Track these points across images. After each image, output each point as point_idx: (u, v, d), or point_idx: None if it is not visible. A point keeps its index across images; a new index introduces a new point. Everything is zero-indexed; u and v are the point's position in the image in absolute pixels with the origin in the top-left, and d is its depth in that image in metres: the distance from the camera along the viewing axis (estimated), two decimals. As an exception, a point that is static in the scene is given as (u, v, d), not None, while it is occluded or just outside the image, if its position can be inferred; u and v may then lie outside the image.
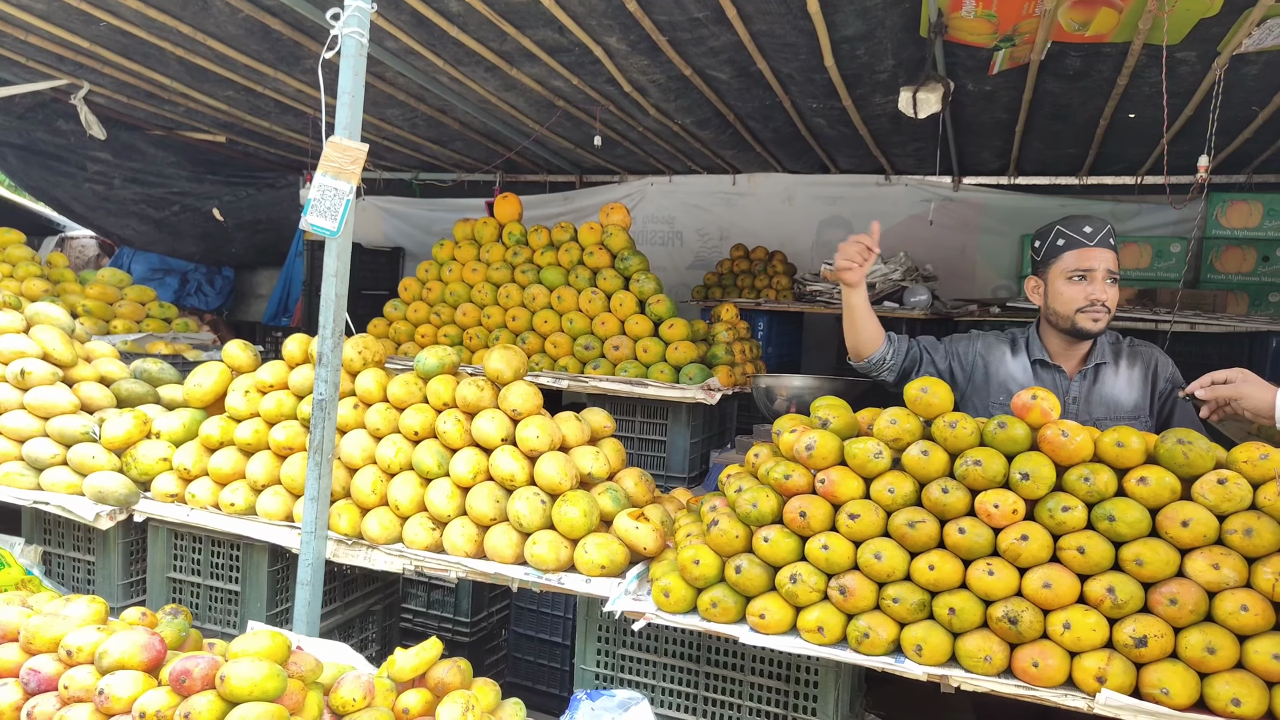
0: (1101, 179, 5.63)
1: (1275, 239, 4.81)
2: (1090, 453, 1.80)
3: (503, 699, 1.94)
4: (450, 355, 2.66)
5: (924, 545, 1.83)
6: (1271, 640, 1.58)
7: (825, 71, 3.93)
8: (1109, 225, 2.40)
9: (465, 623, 3.64)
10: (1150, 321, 4.31)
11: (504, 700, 1.94)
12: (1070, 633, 1.68)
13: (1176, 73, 3.62)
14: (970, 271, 5.92)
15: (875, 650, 1.82)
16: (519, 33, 3.74)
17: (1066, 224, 2.42)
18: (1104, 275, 2.33)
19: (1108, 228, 2.39)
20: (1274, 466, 1.68)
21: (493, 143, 5.99)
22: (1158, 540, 1.70)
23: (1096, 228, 2.38)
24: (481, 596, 3.71)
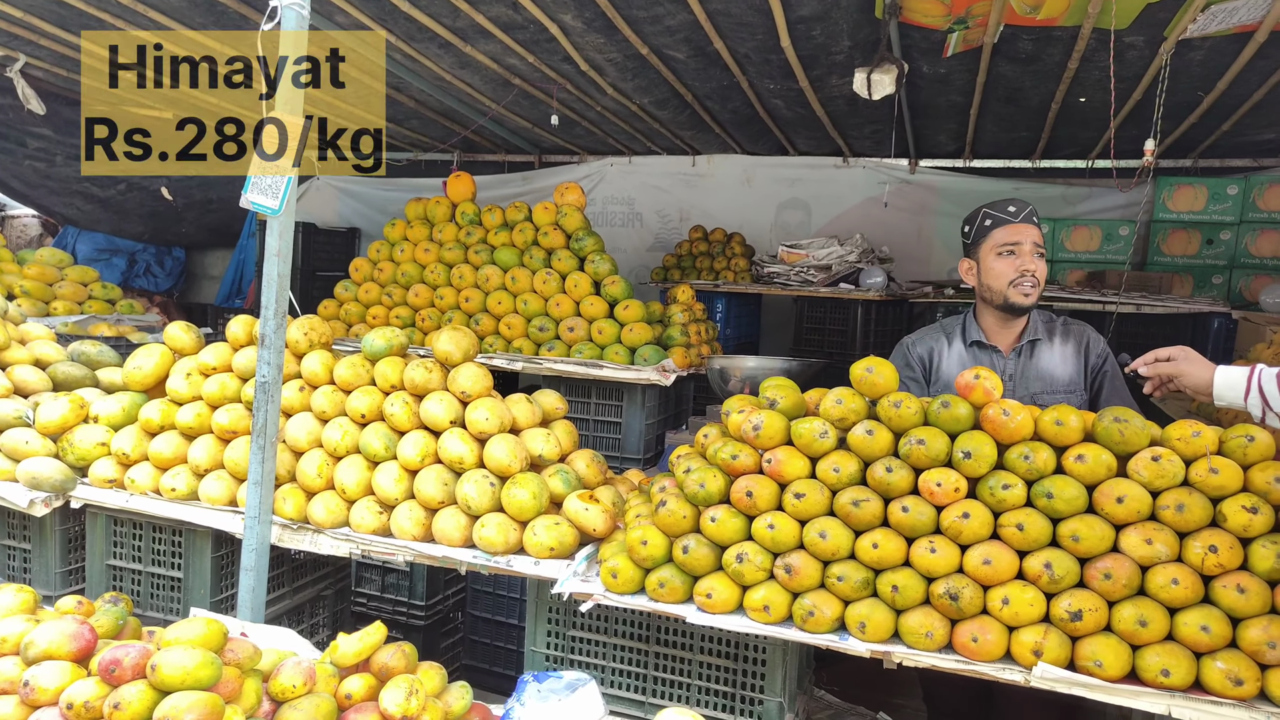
0: (1054, 162, 5.70)
1: (1219, 223, 4.91)
2: (1031, 431, 1.82)
3: (458, 681, 1.93)
4: (398, 337, 2.62)
5: (868, 524, 1.84)
6: (1200, 612, 1.61)
7: (781, 52, 3.92)
8: (1031, 205, 2.50)
9: (420, 606, 3.61)
10: (1098, 303, 4.38)
11: (450, 684, 1.92)
12: (1009, 608, 1.71)
13: (1125, 57, 3.66)
14: (926, 254, 5.98)
15: (820, 628, 1.83)
16: (472, 8, 3.68)
17: (992, 206, 2.50)
18: (1031, 249, 2.40)
19: (1030, 207, 2.48)
20: (1205, 444, 1.71)
21: (449, 121, 5.90)
22: (1094, 516, 1.73)
23: (1020, 207, 2.46)
24: (437, 580, 3.68)
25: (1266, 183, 4.83)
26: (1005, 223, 2.47)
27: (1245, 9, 3.12)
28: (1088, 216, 5.38)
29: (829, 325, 5.04)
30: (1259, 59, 3.52)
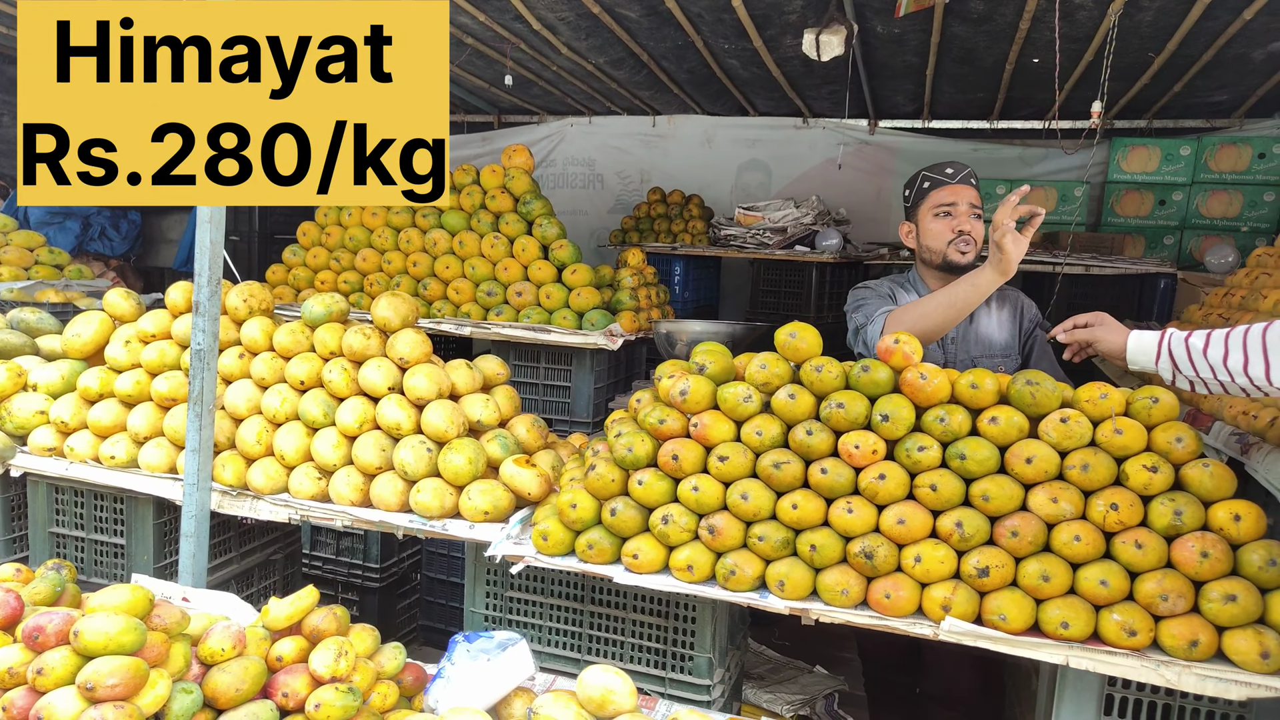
0: (1011, 123, 5.71)
1: (1171, 184, 4.96)
2: (948, 394, 1.86)
3: (412, 642, 1.96)
4: (339, 303, 2.61)
5: (789, 485, 1.88)
6: (1100, 567, 1.67)
7: (733, 11, 3.89)
8: (969, 168, 2.51)
9: (375, 569, 3.64)
10: (1049, 264, 4.43)
11: (384, 644, 1.96)
12: (921, 565, 1.76)
13: (1074, 18, 3.66)
14: (885, 215, 5.99)
15: (741, 586, 1.88)
16: (417, -35, 3.61)
17: (931, 169, 2.51)
18: (967, 209, 2.42)
19: (968, 169, 2.49)
20: (1113, 405, 1.76)
21: (405, 81, 5.80)
22: (1004, 476, 1.78)
23: (957, 169, 2.48)
24: (391, 543, 3.71)
25: (1218, 143, 4.88)
26: (942, 184, 2.49)
27: (1188, -30, 3.13)
28: (1045, 178, 5.41)
29: (784, 288, 5.07)
30: (1206, 20, 3.53)
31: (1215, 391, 1.79)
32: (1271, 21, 3.50)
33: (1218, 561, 1.60)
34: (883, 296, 2.54)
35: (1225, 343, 1.72)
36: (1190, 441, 1.72)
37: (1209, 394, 1.86)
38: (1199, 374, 1.77)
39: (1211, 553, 1.61)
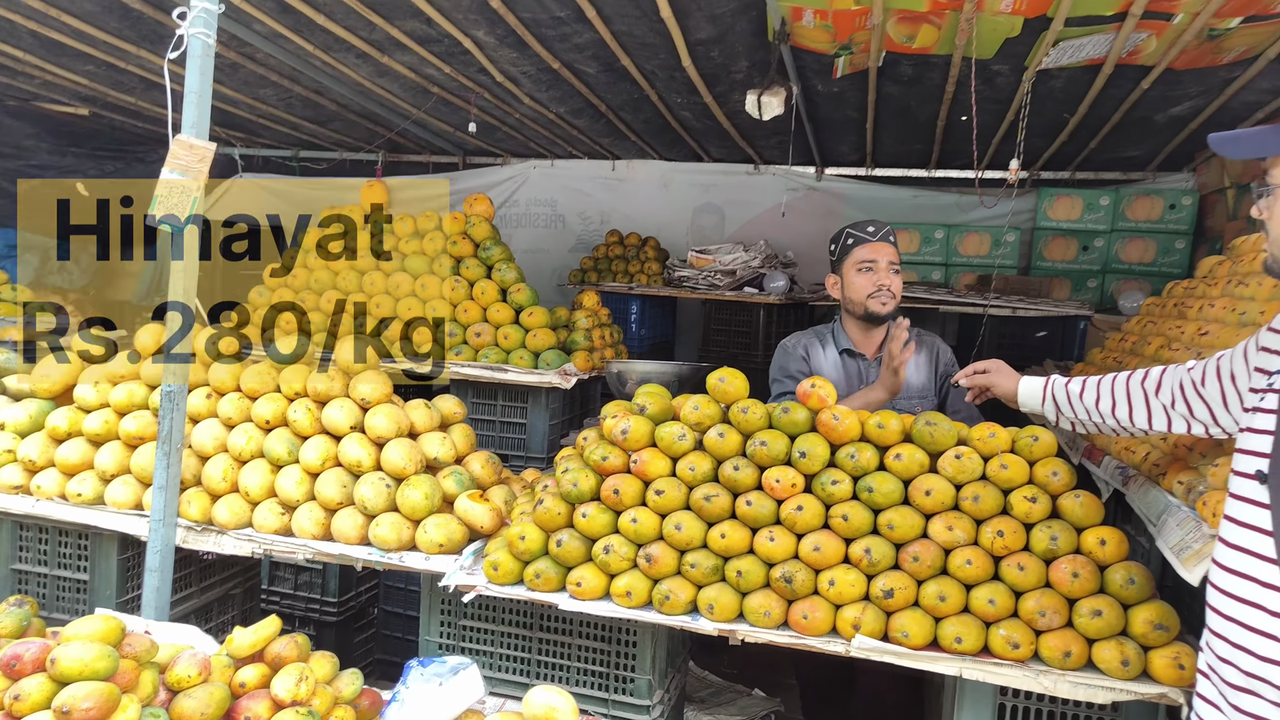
0: (948, 172, 6.05)
1: (1093, 231, 5.29)
2: (858, 433, 2.07)
3: (369, 675, 2.09)
4: (304, 345, 2.77)
5: (718, 516, 2.07)
6: (988, 588, 1.88)
7: (684, 70, 4.14)
8: (889, 226, 2.77)
9: (333, 603, 3.75)
10: (980, 306, 4.71)
11: (342, 671, 2.09)
12: (834, 588, 1.95)
13: (994, 83, 3.97)
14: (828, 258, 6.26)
15: (675, 610, 2.05)
16: (387, 23, 3.81)
17: (854, 227, 2.75)
18: (887, 265, 2.67)
19: (887, 227, 2.75)
20: (999, 444, 1.98)
21: (372, 123, 6.00)
22: (907, 507, 1.99)
23: (878, 227, 2.72)
24: (350, 577, 3.82)
25: (1134, 195, 5.23)
26: (865, 241, 2.74)
27: (1091, 46, 3.44)
28: (979, 223, 5.72)
29: (734, 326, 5.30)
30: (1110, 88, 3.85)
31: (1092, 431, 2.02)
32: (1167, 91, 3.83)
33: (1087, 581, 1.82)
34: (797, 360, 2.78)
35: (1097, 389, 1.95)
36: (1065, 475, 1.94)
37: (1088, 433, 2.09)
38: (1077, 416, 2.00)
39: (1081, 573, 1.82)
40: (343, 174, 7.26)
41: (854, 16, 3.41)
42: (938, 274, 5.50)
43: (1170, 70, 3.56)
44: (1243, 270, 2.55)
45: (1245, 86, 3.69)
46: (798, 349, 2.84)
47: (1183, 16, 3.03)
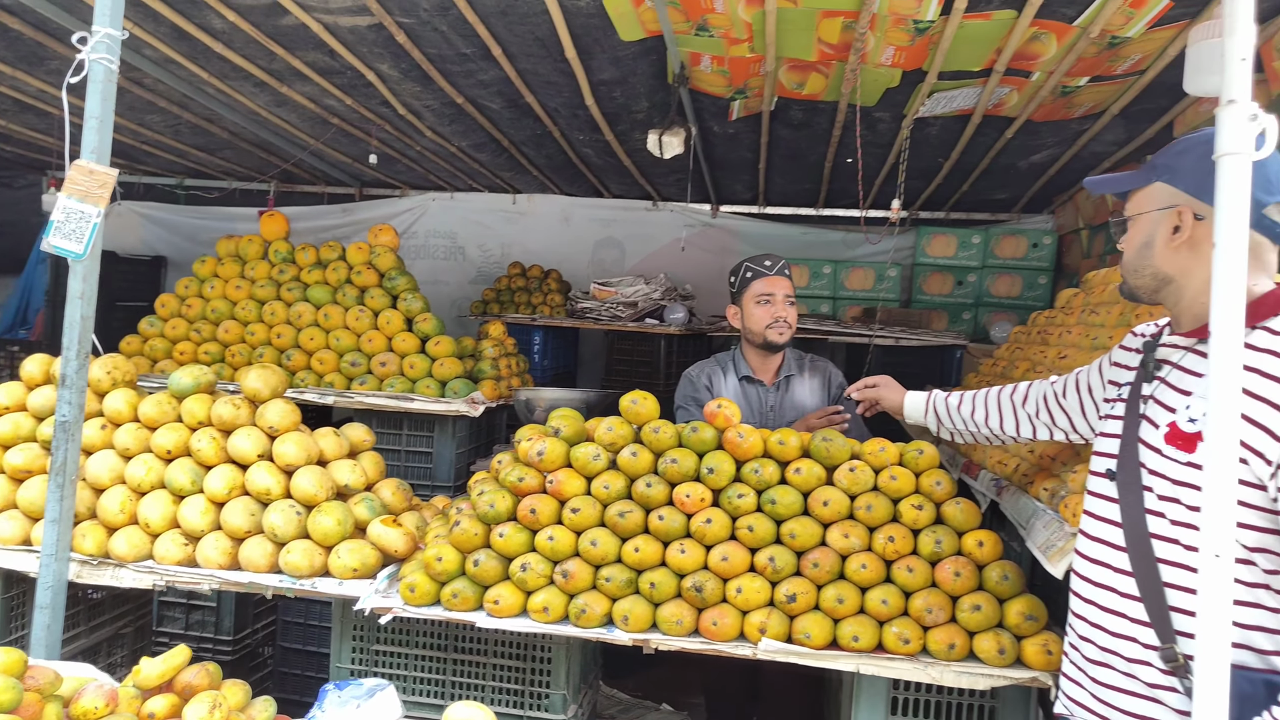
0: (835, 211, 6.40)
1: (966, 267, 5.70)
2: (761, 450, 2.22)
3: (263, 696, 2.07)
4: (206, 374, 2.73)
5: (632, 531, 2.17)
6: (881, 589, 2.04)
7: (587, 109, 4.28)
8: (784, 260, 2.97)
9: (227, 641, 3.64)
10: (866, 336, 5.01)
11: (254, 699, 2.07)
12: (741, 595, 2.07)
13: (876, 129, 4.28)
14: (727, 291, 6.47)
15: (591, 623, 2.13)
16: (288, 54, 3.81)
17: (753, 261, 2.94)
18: (783, 298, 2.86)
19: (783, 261, 2.95)
20: (889, 457, 2.16)
21: (266, 153, 5.90)
22: (807, 518, 2.14)
23: (775, 261, 2.92)
24: (245, 614, 3.72)
25: (1002, 234, 5.67)
26: (763, 275, 2.92)
27: (961, 97, 3.77)
28: (864, 259, 6.07)
29: (636, 356, 5.44)
30: (979, 135, 4.21)
31: (969, 440, 2.22)
32: (1028, 140, 4.22)
33: (967, 579, 2.00)
34: (701, 389, 2.93)
35: (973, 401, 2.16)
36: (947, 484, 2.14)
37: (964, 443, 2.30)
38: (955, 426, 2.20)
39: (963, 572, 2.01)
40: (232, 204, 7.09)
41: (748, 63, 3.63)
42: (826, 307, 5.80)
43: (1030, 121, 3.93)
44: (1094, 301, 2.84)
45: (1094, 138, 4.10)
46: (701, 377, 2.99)
47: (1039, 74, 3.37)
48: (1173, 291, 1.58)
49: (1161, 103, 3.59)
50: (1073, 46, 3.05)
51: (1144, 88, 3.40)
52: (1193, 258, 1.53)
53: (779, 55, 3.47)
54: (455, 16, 3.25)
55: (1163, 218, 1.56)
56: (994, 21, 2.94)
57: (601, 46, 3.54)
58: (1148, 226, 1.59)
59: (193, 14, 3.41)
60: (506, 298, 6.03)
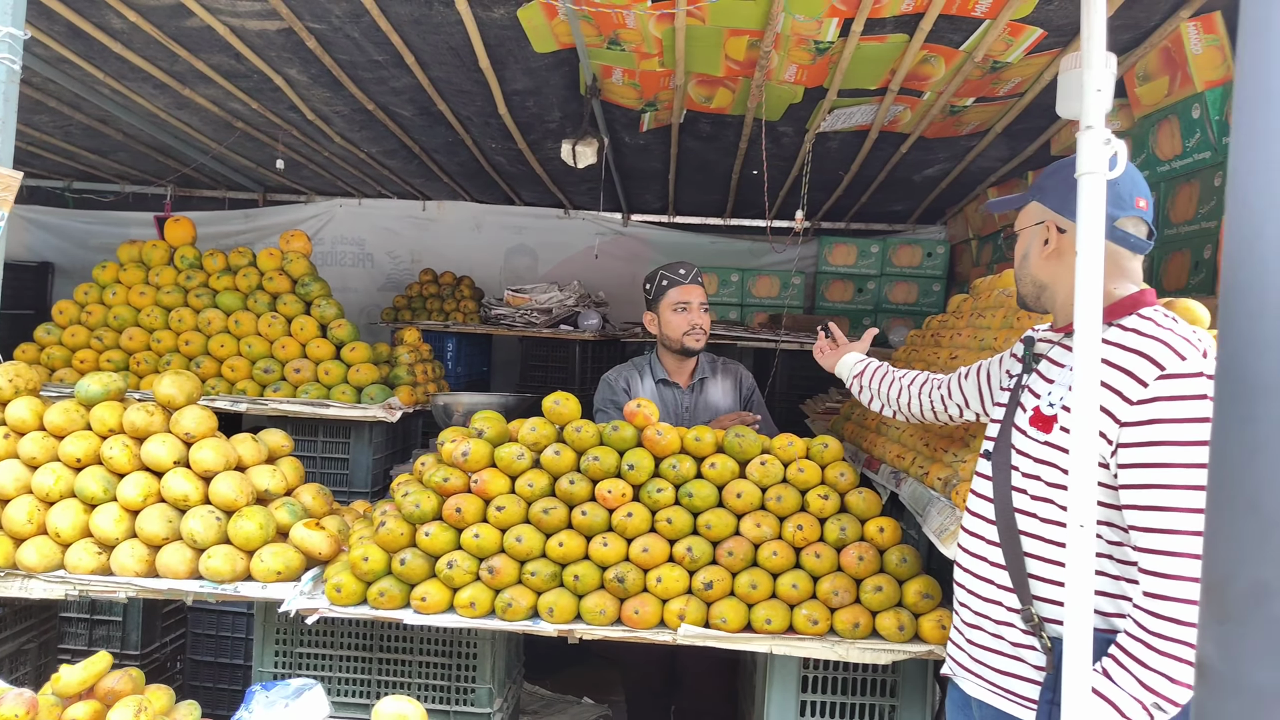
0: (741, 221, 6.62)
1: (866, 275, 5.99)
2: (678, 447, 2.34)
3: (187, 700, 2.06)
4: (116, 381, 2.67)
5: (556, 527, 2.25)
6: (792, 575, 2.18)
7: (500, 118, 4.34)
8: (697, 267, 3.11)
9: (135, 655, 3.54)
10: (772, 341, 5.21)
11: (179, 703, 2.06)
12: (661, 585, 2.18)
13: (781, 142, 4.48)
14: (639, 298, 6.53)
15: (517, 616, 2.20)
16: (192, 55, 3.74)
17: (667, 269, 3.07)
18: (698, 305, 2.99)
19: (696, 269, 3.09)
20: (797, 451, 2.31)
21: (164, 156, 5.73)
22: (722, 509, 2.27)
23: (689, 269, 3.05)
24: (154, 627, 3.62)
25: (899, 243, 5.98)
26: (678, 283, 3.05)
27: (859, 114, 4.00)
28: (769, 268, 6.30)
29: (551, 362, 5.51)
30: (876, 150, 4.46)
31: (877, 409, 2.39)
32: (921, 155, 4.50)
33: (870, 563, 2.17)
34: (619, 391, 3.04)
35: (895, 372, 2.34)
36: (850, 475, 2.30)
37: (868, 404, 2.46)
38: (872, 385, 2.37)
39: (865, 557, 2.17)
40: (125, 208, 6.83)
41: (659, 77, 3.77)
42: (734, 313, 6.00)
43: (923, 138, 4.19)
44: (982, 305, 3.07)
45: (981, 154, 4.41)
46: (619, 381, 3.10)
47: (930, 94, 3.61)
48: (1049, 296, 1.77)
49: (1040, 123, 3.89)
50: (959, 69, 3.29)
51: (1024, 109, 3.69)
52: (1060, 266, 1.72)
53: (688, 70, 3.62)
54: (368, 24, 3.27)
55: (1036, 232, 1.76)
56: (888, 44, 3.15)
57: (515, 57, 3.62)
58: (1026, 240, 1.79)
59: (90, 13, 3.33)
60: (418, 304, 6.01)
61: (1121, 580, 1.58)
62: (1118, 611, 1.58)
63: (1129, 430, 1.52)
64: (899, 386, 2.33)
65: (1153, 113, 3.24)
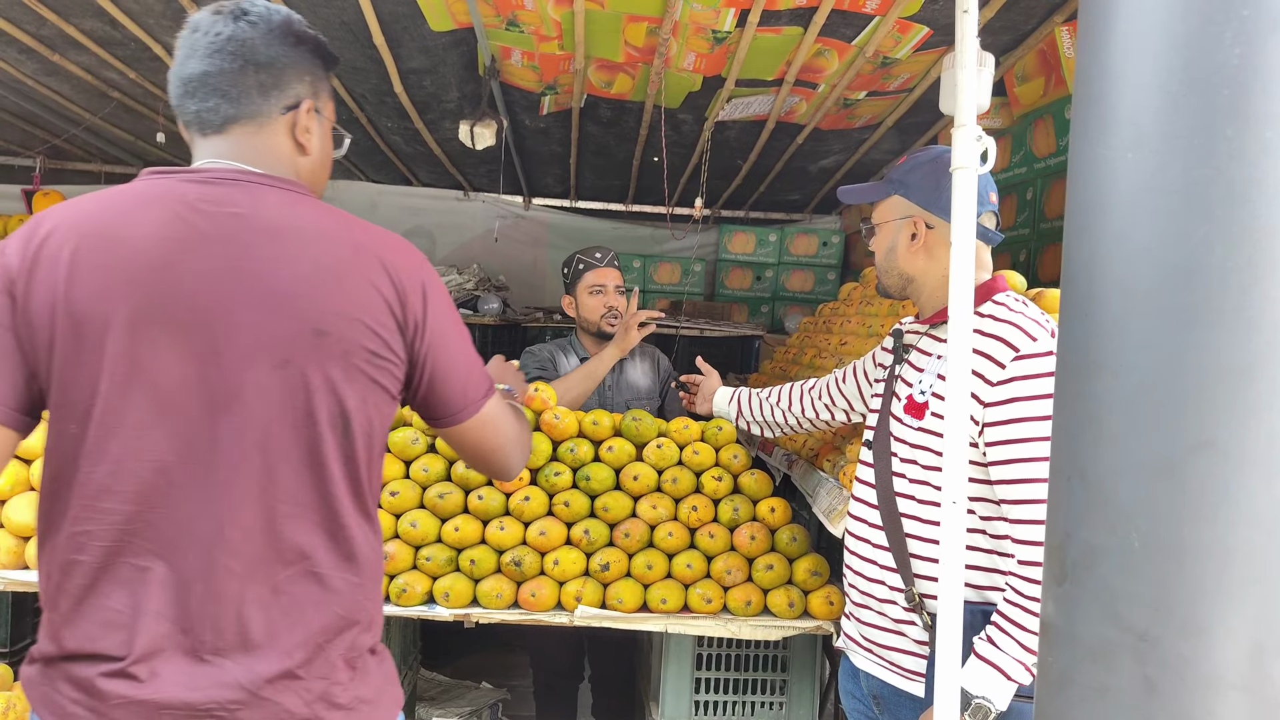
0: (643, 207, 6.65)
1: (764, 263, 6.12)
2: (576, 430, 2.35)
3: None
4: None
5: (452, 512, 2.24)
6: (686, 555, 2.24)
7: (396, 97, 4.24)
8: (613, 251, 3.15)
9: (4, 652, 3.33)
10: (674, 327, 5.27)
11: (47, 703, 1.96)
12: (559, 567, 2.20)
13: (681, 130, 4.52)
14: (541, 282, 6.61)
15: (412, 602, 2.18)
16: (62, 20, 3.52)
17: (584, 253, 3.09)
18: (614, 289, 3.03)
19: (612, 253, 3.13)
20: (692, 434, 2.36)
21: (30, 125, 5.35)
22: (619, 492, 2.30)
23: (605, 253, 3.09)
24: (23, 620, 3.41)
25: (796, 233, 6.13)
26: (594, 267, 3.07)
27: (757, 104, 4.07)
28: (670, 254, 6.36)
29: (450, 348, 5.43)
30: (773, 140, 4.56)
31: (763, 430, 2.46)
32: (816, 146, 4.62)
33: (762, 542, 2.23)
34: (543, 361, 3.04)
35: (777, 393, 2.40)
36: (743, 457, 2.36)
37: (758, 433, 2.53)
38: (754, 417, 2.43)
39: (757, 536, 2.23)
40: (-16, 180, 6.37)
41: (558, 61, 3.75)
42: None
43: (818, 129, 4.31)
44: (870, 293, 3.20)
45: (874, 147, 4.56)
46: (544, 352, 3.13)
47: (824, 86, 3.71)
48: (915, 288, 1.85)
49: (927, 117, 4.05)
50: (852, 63, 3.39)
51: (913, 104, 3.83)
52: (928, 259, 1.81)
53: (588, 55, 3.61)
54: (257, -6, 3.14)
55: (901, 226, 1.83)
56: (784, 36, 3.23)
57: (411, 35, 3.54)
58: (890, 234, 1.86)
59: (-55, -31, 3.10)
60: (312, 287, 5.82)
61: (994, 554, 1.68)
62: (991, 584, 1.68)
63: (992, 410, 1.61)
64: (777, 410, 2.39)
65: (1030, 112, 3.42)
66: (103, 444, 1.16)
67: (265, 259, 1.20)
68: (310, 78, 1.35)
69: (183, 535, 1.17)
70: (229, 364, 1.18)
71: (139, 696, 1.15)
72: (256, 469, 1.18)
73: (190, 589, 1.17)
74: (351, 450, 1.24)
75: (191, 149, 1.36)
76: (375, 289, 1.25)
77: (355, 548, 1.26)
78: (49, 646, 1.21)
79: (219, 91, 1.27)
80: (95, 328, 1.15)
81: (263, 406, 1.18)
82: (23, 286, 1.15)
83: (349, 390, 1.22)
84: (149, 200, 1.21)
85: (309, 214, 1.28)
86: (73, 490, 1.18)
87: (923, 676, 1.73)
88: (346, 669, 1.25)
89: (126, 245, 1.17)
